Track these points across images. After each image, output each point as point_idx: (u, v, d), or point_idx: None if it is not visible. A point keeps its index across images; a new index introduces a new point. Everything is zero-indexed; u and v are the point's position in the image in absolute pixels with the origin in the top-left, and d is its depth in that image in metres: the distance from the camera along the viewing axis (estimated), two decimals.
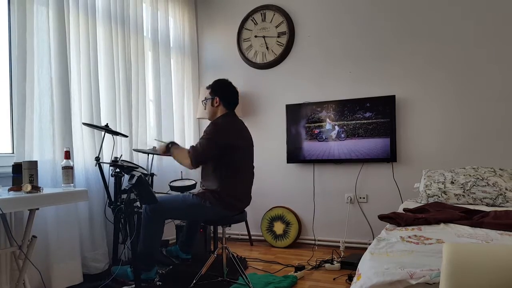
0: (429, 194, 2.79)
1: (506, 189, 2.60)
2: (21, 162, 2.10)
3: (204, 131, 2.50)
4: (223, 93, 2.61)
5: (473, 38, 3.19)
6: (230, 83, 2.67)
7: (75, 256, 2.63)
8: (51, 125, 2.55)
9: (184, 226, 2.95)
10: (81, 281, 2.64)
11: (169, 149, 2.59)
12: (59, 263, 2.53)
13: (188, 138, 4.10)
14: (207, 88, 2.69)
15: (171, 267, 2.87)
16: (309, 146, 3.68)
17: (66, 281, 2.57)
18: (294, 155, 3.76)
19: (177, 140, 3.95)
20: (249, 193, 2.65)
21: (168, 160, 3.62)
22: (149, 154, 3.09)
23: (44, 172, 2.49)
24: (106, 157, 2.95)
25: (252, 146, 2.68)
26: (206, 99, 2.66)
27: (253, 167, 2.73)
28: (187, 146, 4.05)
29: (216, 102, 2.60)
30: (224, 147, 2.44)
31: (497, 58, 3.12)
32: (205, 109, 2.70)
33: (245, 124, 2.71)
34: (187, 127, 4.10)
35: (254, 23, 4.05)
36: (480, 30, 3.17)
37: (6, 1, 2.45)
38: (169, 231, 3.47)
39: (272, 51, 3.96)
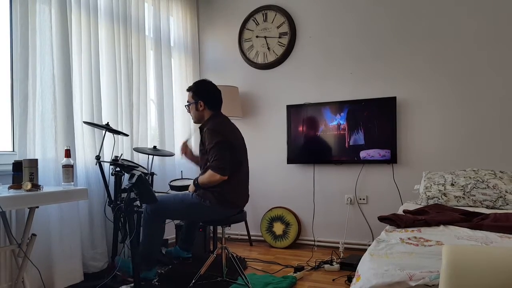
0: (429, 196, 2.79)
1: (506, 191, 2.60)
2: (21, 160, 2.10)
3: (204, 142, 2.48)
4: (207, 96, 2.58)
5: (475, 40, 3.19)
6: (212, 84, 2.64)
7: (76, 254, 2.63)
8: (52, 123, 2.55)
9: (184, 224, 2.95)
10: (81, 280, 2.64)
11: (197, 184, 2.48)
12: (60, 261, 2.53)
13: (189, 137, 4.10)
14: (188, 90, 2.65)
15: (170, 266, 2.87)
16: (310, 147, 3.68)
17: (67, 280, 2.57)
18: (295, 156, 3.76)
19: (179, 140, 3.95)
20: (247, 191, 2.65)
21: (169, 159, 3.63)
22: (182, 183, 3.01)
23: (46, 170, 2.49)
24: (107, 156, 2.95)
25: (245, 144, 2.68)
26: (189, 103, 2.63)
27: (248, 165, 2.72)
28: (192, 146, 4.07)
29: (201, 106, 2.57)
30: (231, 144, 2.44)
31: (498, 60, 3.12)
32: (188, 112, 2.68)
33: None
34: (189, 127, 4.10)
35: (256, 23, 4.05)
36: (481, 31, 3.17)
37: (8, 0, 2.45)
38: (169, 231, 3.47)
39: (273, 51, 3.96)
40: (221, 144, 2.40)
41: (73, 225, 2.63)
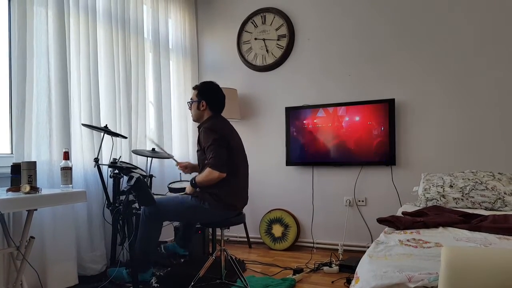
0: (428, 197, 2.79)
1: (505, 193, 2.60)
2: (19, 163, 2.10)
3: (201, 141, 2.48)
4: (210, 98, 2.59)
5: (473, 42, 3.20)
6: (219, 87, 2.64)
7: (70, 257, 2.62)
8: (49, 125, 2.55)
9: (181, 223, 2.94)
10: (76, 283, 2.63)
11: (194, 183, 2.46)
12: (55, 264, 2.52)
13: (188, 139, 4.10)
14: (194, 88, 2.67)
15: (169, 268, 2.86)
16: (308, 149, 3.68)
17: (61, 283, 2.56)
18: (293, 158, 3.76)
19: (178, 142, 3.95)
20: (247, 192, 2.64)
21: (168, 162, 3.63)
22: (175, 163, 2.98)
23: (43, 173, 2.48)
24: (105, 158, 2.95)
25: (243, 146, 2.67)
26: (192, 101, 2.65)
27: (248, 167, 2.70)
28: (189, 148, 4.08)
29: (203, 106, 2.59)
30: (227, 143, 2.43)
31: (496, 63, 3.12)
32: (189, 109, 2.70)
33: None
34: (187, 129, 4.10)
35: (254, 26, 4.06)
36: (479, 34, 3.18)
37: (6, 2, 2.45)
38: (168, 233, 3.47)
39: (272, 53, 3.97)
40: (218, 141, 2.40)
41: (69, 228, 2.62)
